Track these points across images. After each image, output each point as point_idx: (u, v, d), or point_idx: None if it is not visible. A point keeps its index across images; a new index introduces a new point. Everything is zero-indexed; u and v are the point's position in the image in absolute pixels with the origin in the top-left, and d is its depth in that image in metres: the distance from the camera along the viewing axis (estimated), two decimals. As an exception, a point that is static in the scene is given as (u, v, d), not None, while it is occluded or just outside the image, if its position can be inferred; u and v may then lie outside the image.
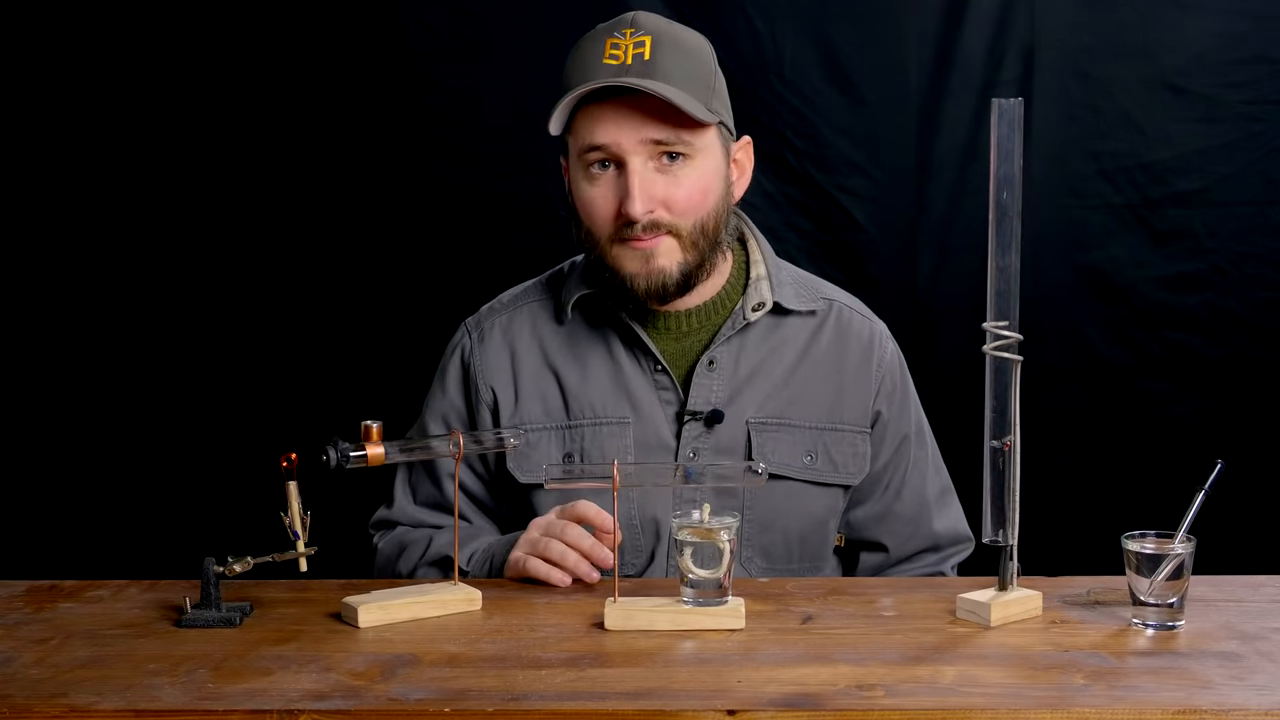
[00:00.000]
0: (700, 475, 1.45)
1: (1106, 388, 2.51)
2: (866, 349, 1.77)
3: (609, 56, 1.62)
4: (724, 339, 1.72)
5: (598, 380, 1.72)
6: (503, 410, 1.74)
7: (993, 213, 1.38)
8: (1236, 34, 2.43)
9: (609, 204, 1.64)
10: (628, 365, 1.72)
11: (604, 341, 1.74)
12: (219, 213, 2.53)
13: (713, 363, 1.71)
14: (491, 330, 1.78)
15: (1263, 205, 2.46)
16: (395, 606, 1.40)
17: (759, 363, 1.73)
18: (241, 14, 2.49)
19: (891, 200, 2.51)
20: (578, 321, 1.75)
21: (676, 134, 1.61)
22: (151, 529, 2.55)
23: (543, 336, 1.76)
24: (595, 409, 1.71)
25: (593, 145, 1.62)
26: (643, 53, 1.61)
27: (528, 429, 1.72)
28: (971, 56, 2.46)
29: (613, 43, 1.63)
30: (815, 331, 1.76)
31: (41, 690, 1.19)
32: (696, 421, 1.70)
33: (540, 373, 1.74)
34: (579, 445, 1.71)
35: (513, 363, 1.75)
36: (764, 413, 1.71)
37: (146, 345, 2.55)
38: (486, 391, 1.75)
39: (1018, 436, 1.38)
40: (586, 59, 1.64)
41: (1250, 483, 2.43)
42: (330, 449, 1.39)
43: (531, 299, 1.80)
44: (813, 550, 1.75)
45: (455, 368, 1.80)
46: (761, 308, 1.73)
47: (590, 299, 1.74)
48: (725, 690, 1.17)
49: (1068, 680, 1.20)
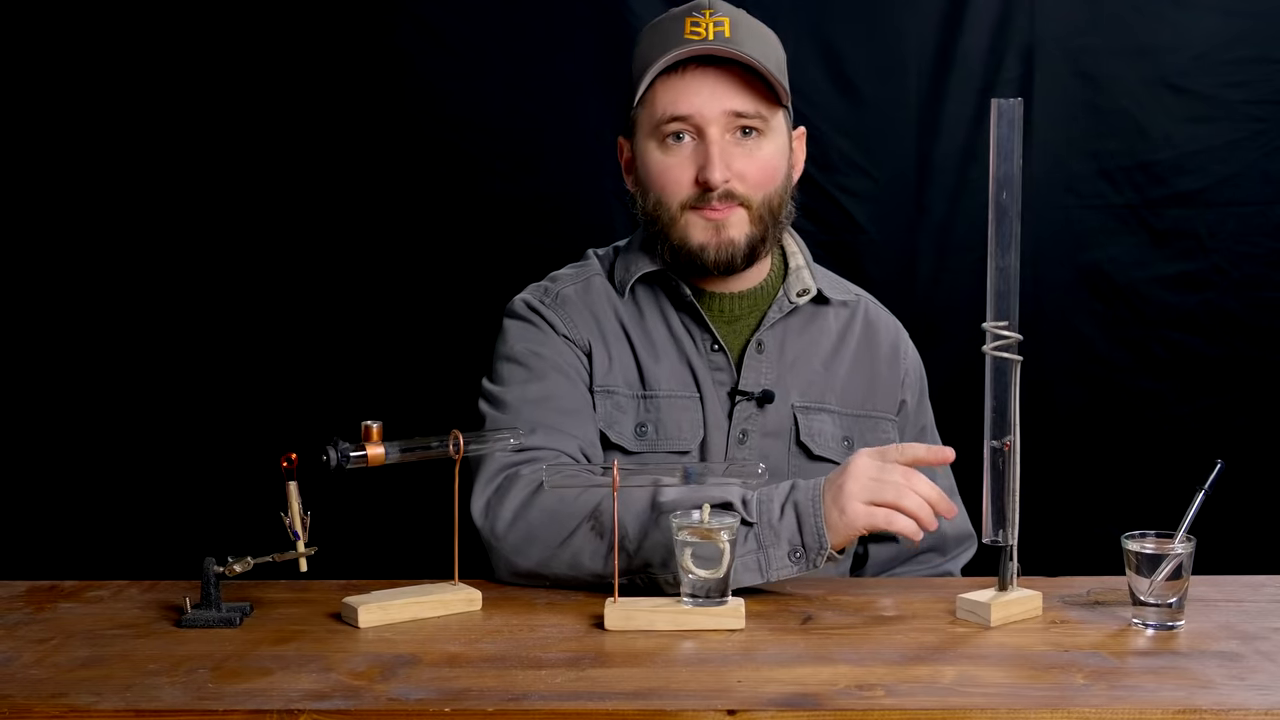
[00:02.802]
0: (700, 475, 1.45)
1: (1106, 388, 2.51)
2: (894, 342, 1.84)
3: (690, 32, 1.66)
4: (770, 323, 1.75)
5: (666, 355, 1.74)
6: (596, 370, 1.73)
7: (993, 213, 1.38)
8: (1236, 34, 2.43)
9: (685, 172, 1.67)
10: (687, 343, 1.74)
11: (664, 318, 1.75)
12: (219, 213, 2.53)
13: (761, 345, 1.74)
14: (567, 295, 1.76)
15: (1263, 205, 2.46)
16: (395, 606, 1.40)
17: (801, 349, 1.77)
18: (242, 14, 2.49)
19: (891, 200, 2.51)
20: (637, 298, 1.76)
21: (756, 108, 1.66)
22: (151, 529, 2.55)
23: (615, 305, 1.76)
24: (665, 382, 1.73)
25: (675, 115, 1.66)
26: (723, 30, 1.66)
27: (617, 392, 1.72)
28: (971, 56, 2.46)
29: (693, 21, 1.67)
30: (848, 322, 1.82)
31: (41, 690, 1.19)
32: (748, 401, 1.72)
33: (618, 339, 1.74)
34: (655, 417, 1.71)
35: (597, 325, 1.74)
36: (807, 398, 1.76)
37: (146, 345, 2.55)
38: (583, 342, 1.73)
39: (1018, 436, 1.38)
40: (667, 35, 1.68)
41: (1250, 483, 2.43)
42: (330, 449, 1.39)
43: (592, 273, 1.79)
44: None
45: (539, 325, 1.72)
46: (805, 294, 1.77)
47: (648, 278, 1.75)
48: (725, 690, 1.17)
49: (1068, 680, 1.20)
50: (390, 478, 1.79)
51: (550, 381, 1.68)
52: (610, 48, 2.44)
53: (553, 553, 1.52)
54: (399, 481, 1.87)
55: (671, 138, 1.67)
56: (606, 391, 1.71)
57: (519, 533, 1.53)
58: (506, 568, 1.55)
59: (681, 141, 1.67)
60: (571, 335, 1.73)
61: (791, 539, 1.45)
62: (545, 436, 1.62)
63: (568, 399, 1.68)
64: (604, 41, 2.46)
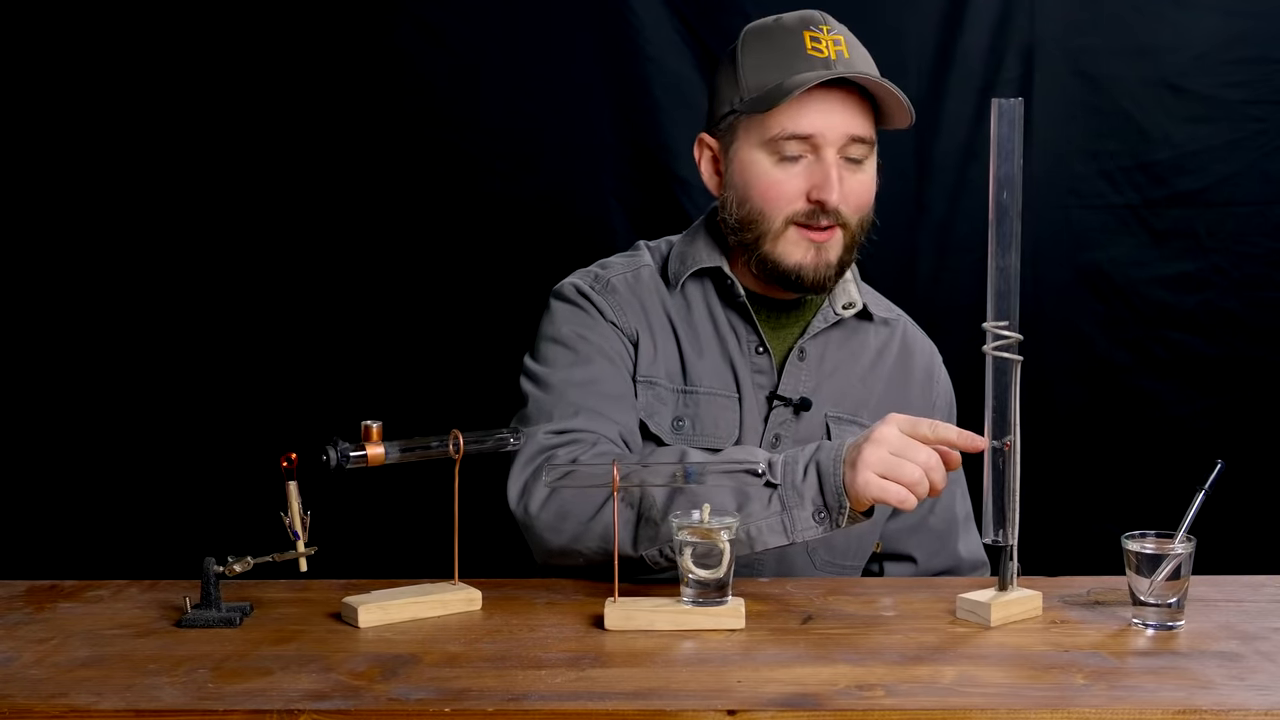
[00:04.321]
0: (700, 475, 1.45)
1: (1106, 388, 2.51)
2: (929, 366, 1.85)
3: (812, 49, 1.65)
4: (814, 332, 1.75)
5: (709, 352, 1.73)
6: (642, 359, 1.72)
7: (993, 213, 1.38)
8: (1236, 34, 2.43)
9: (797, 188, 1.66)
10: (731, 342, 1.74)
11: (710, 316, 1.75)
12: (219, 213, 2.53)
13: (804, 353, 1.74)
14: (617, 282, 1.75)
15: (1263, 205, 2.46)
16: (395, 606, 1.40)
17: (840, 361, 1.77)
18: (243, 14, 2.49)
19: (891, 200, 2.49)
20: (686, 292, 1.76)
21: (870, 133, 1.68)
22: (151, 529, 2.55)
23: (663, 297, 1.76)
24: (706, 379, 1.72)
25: (796, 134, 1.64)
26: (842, 50, 1.66)
27: (658, 384, 1.71)
28: (971, 56, 2.46)
29: (813, 37, 1.66)
30: (887, 340, 1.82)
31: (41, 690, 1.19)
32: (785, 407, 1.72)
33: (664, 331, 1.74)
34: (693, 412, 1.71)
35: (645, 314, 1.74)
36: (841, 408, 1.75)
37: (147, 345, 2.55)
38: (631, 331, 1.73)
39: (1018, 436, 1.38)
40: (791, 48, 1.66)
41: (1250, 483, 2.43)
42: (330, 449, 1.39)
43: (642, 263, 1.79)
44: (864, 549, 1.79)
45: (588, 310, 1.72)
46: (851, 307, 1.77)
47: (700, 274, 1.75)
48: (725, 690, 1.17)
49: (1068, 680, 1.20)
50: (390, 478, 1.79)
51: (596, 366, 1.68)
52: (611, 48, 2.44)
53: (585, 527, 1.53)
54: (399, 481, 1.87)
55: (788, 154, 1.66)
56: (649, 382, 1.71)
57: (551, 510, 1.55)
58: (542, 547, 1.57)
59: (797, 157, 1.66)
60: (619, 322, 1.72)
61: (815, 499, 1.46)
62: (588, 419, 1.63)
63: (611, 384, 1.68)
64: (604, 41, 2.46)
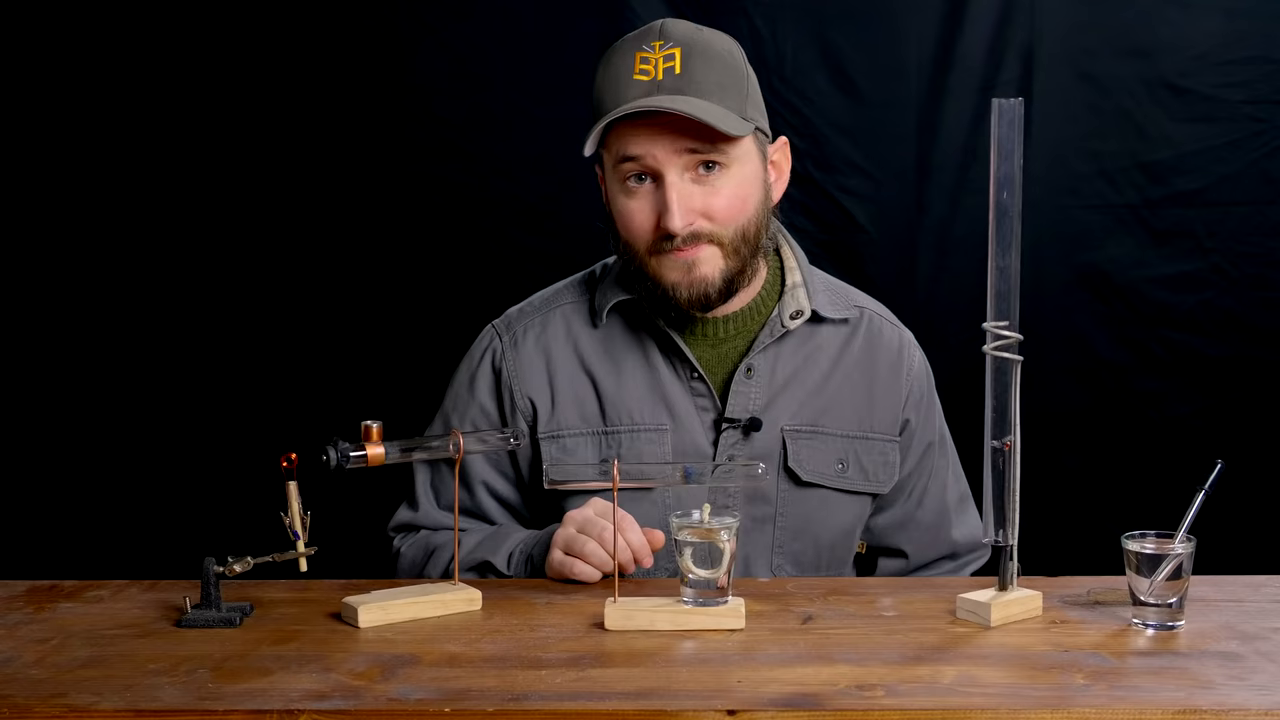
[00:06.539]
0: (700, 476, 1.45)
1: (1106, 388, 2.51)
2: (896, 358, 1.77)
3: (639, 72, 1.59)
4: (762, 346, 1.70)
5: (634, 387, 1.70)
6: (540, 418, 1.71)
7: (993, 213, 1.38)
8: (1236, 34, 2.43)
9: (647, 217, 1.61)
10: (664, 372, 1.70)
11: (640, 347, 1.71)
12: (219, 213, 2.53)
13: (751, 370, 1.69)
14: (525, 335, 1.74)
15: (1263, 205, 2.47)
16: (395, 606, 1.40)
17: (795, 370, 1.71)
18: (244, 15, 2.49)
19: (891, 200, 2.51)
20: (613, 326, 1.72)
21: (712, 145, 1.59)
22: (151, 529, 2.55)
23: (578, 340, 1.73)
24: (632, 416, 1.69)
25: (628, 157, 1.60)
26: (673, 66, 1.59)
27: (565, 435, 1.70)
28: (971, 56, 2.46)
29: (642, 56, 1.60)
30: (848, 340, 1.75)
31: (41, 690, 1.19)
32: (734, 429, 1.68)
33: (576, 378, 1.71)
34: (616, 452, 1.68)
35: (548, 368, 1.72)
36: (798, 420, 1.70)
37: (147, 345, 2.55)
38: (524, 401, 1.72)
39: (1018, 436, 1.38)
40: (617, 75, 1.61)
41: (1250, 483, 2.44)
42: (330, 449, 1.38)
43: (565, 301, 1.76)
44: (839, 557, 1.75)
45: (486, 372, 1.75)
46: (799, 315, 1.71)
47: (626, 305, 1.72)
48: (725, 690, 1.17)
49: (1068, 680, 1.20)
50: (390, 478, 1.80)
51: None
52: (610, 47, 2.44)
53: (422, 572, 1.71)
54: (399, 481, 1.87)
55: (633, 178, 1.61)
56: (552, 436, 1.69)
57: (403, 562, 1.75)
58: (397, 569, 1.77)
59: (643, 183, 1.61)
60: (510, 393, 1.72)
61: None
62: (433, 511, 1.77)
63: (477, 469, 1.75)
64: (605, 41, 2.42)
